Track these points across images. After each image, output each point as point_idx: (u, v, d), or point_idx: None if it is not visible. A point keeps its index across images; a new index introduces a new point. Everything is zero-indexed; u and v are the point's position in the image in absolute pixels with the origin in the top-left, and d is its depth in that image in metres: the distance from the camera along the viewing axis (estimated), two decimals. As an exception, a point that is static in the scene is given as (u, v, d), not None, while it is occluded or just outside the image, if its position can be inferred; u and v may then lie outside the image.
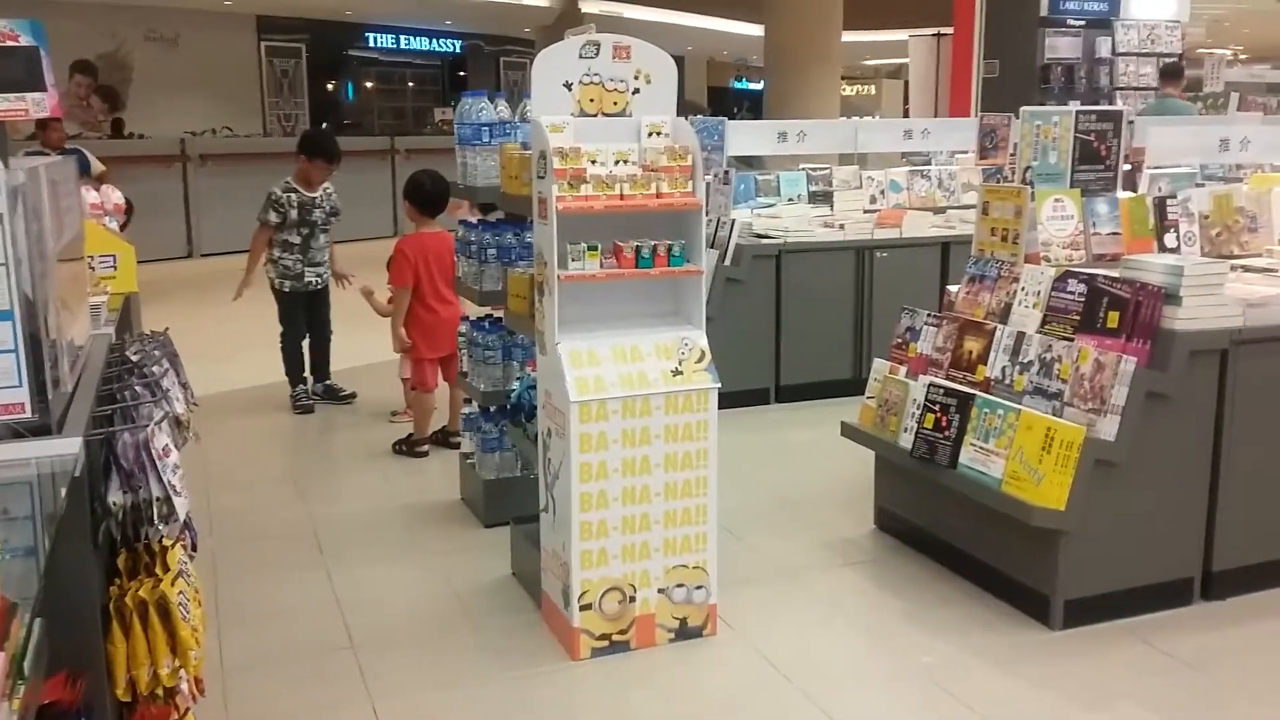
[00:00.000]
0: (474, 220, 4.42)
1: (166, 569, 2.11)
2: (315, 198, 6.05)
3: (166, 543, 2.15)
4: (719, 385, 3.31)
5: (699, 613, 3.37)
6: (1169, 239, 3.92)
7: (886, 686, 3.17)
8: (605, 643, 3.27)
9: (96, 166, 9.02)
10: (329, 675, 3.21)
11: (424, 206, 5.34)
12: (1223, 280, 3.45)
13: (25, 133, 8.84)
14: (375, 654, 3.32)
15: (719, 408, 3.32)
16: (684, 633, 3.36)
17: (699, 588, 3.35)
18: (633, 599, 3.28)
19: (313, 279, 6.12)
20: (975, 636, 3.39)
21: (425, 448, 5.34)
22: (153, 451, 2.03)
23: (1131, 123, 4.48)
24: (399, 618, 3.58)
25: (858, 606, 3.70)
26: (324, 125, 13.00)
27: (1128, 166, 4.16)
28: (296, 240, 6.02)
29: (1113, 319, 3.38)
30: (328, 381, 6.35)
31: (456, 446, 5.08)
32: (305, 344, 6.27)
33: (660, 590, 3.31)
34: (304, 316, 6.18)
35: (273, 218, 5.95)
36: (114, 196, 4.04)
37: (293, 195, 5.97)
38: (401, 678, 3.20)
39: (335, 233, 6.29)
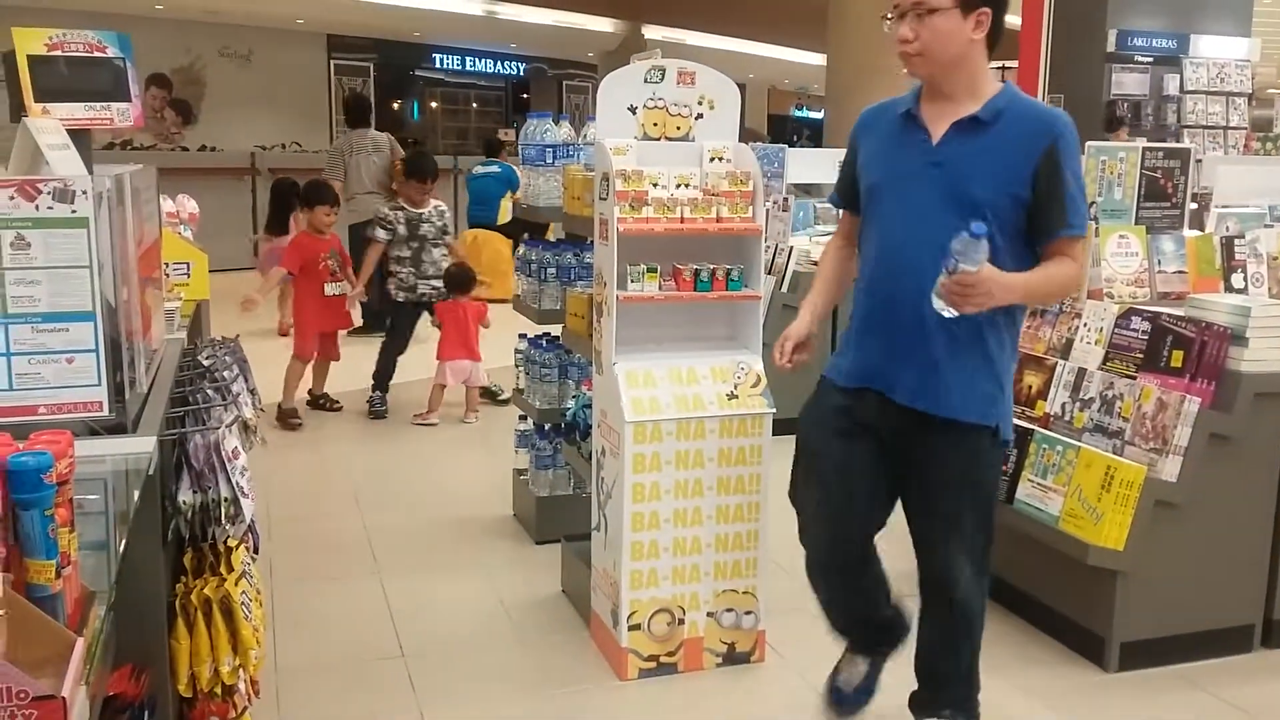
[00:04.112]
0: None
1: (231, 569, 2.16)
2: (423, 214, 6.43)
3: (231, 543, 2.20)
4: (774, 410, 3.32)
5: (747, 638, 3.36)
6: (1236, 279, 3.86)
7: (935, 721, 3.12)
8: (653, 664, 3.27)
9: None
10: (379, 684, 3.25)
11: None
12: (1291, 322, 3.39)
13: (101, 141, 9.11)
14: (425, 665, 3.36)
15: (772, 434, 3.33)
16: (732, 658, 3.35)
17: (748, 613, 3.35)
18: (681, 621, 3.28)
19: (426, 291, 6.42)
20: (1027, 675, 3.34)
21: (298, 420, 6.00)
22: (223, 453, 2.08)
23: (1199, 161, 4.43)
24: (450, 630, 3.62)
25: (907, 639, 3.66)
26: (414, 142, 13.09)
27: (1194, 205, 4.11)
28: (407, 254, 6.40)
29: (1177, 358, 3.34)
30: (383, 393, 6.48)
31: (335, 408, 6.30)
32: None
33: (709, 614, 3.31)
34: (411, 329, 6.53)
35: (380, 235, 6.36)
36: (189, 205, 4.15)
37: (399, 213, 6.39)
38: (450, 689, 3.22)
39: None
